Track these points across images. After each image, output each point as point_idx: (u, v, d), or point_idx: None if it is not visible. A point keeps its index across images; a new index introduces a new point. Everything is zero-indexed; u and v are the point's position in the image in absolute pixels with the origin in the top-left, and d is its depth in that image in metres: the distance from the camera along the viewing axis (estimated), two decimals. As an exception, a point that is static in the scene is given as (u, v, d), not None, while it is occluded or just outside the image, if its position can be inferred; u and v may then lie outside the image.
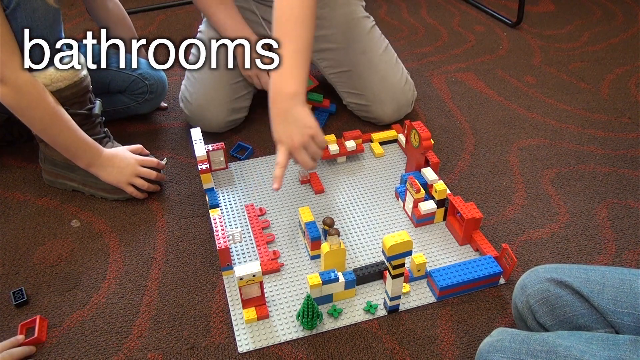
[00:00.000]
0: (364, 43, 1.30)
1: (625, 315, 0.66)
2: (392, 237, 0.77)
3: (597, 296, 0.68)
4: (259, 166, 1.23)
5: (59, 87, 1.02)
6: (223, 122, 1.29)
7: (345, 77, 1.34)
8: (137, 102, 1.29)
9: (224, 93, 1.27)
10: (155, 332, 0.89)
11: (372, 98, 1.31)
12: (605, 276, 0.71)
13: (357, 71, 1.31)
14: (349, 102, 1.37)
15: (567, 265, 0.75)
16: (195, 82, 1.28)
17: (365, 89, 1.31)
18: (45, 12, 0.96)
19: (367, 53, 1.30)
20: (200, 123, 1.27)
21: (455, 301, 0.93)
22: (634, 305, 0.66)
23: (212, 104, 1.27)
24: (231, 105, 1.29)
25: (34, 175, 1.21)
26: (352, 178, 1.19)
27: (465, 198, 1.12)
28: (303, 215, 1.00)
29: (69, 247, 1.04)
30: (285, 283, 0.96)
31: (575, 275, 0.72)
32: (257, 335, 0.87)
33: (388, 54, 1.32)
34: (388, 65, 1.31)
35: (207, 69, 1.26)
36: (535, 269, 0.76)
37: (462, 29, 1.85)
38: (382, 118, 1.33)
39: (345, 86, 1.35)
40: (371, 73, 1.30)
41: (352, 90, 1.34)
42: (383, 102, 1.31)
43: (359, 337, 0.87)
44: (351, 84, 1.33)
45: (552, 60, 1.65)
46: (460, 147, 1.29)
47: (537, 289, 0.73)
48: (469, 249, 1.02)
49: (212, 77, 1.27)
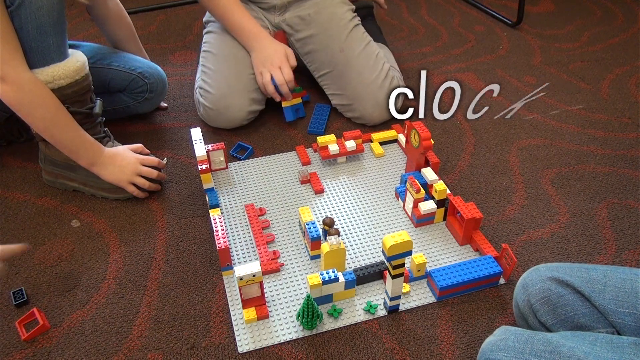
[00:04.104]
0: (342, 42, 1.32)
1: (626, 315, 0.66)
2: (392, 237, 0.77)
3: (598, 296, 0.68)
4: (259, 166, 1.23)
5: (61, 84, 1.02)
6: (245, 112, 1.29)
7: (329, 78, 1.36)
8: (137, 101, 1.29)
9: (245, 81, 1.28)
10: (155, 332, 0.89)
11: (352, 96, 1.32)
12: (607, 276, 0.70)
13: (337, 71, 1.33)
14: (336, 104, 1.38)
15: (568, 264, 0.75)
16: (213, 73, 1.29)
17: (345, 88, 1.32)
18: (50, 9, 0.96)
19: (346, 51, 1.31)
20: (222, 115, 1.28)
21: (455, 301, 0.93)
22: (635, 305, 0.66)
23: (235, 92, 1.27)
24: (252, 95, 1.29)
25: (34, 175, 1.21)
26: (352, 178, 1.19)
27: (465, 198, 1.12)
28: (303, 215, 1.00)
29: (69, 247, 1.04)
30: (285, 283, 0.96)
31: (577, 274, 0.72)
32: (257, 336, 0.87)
33: (367, 51, 1.33)
34: (366, 62, 1.32)
35: (225, 60, 1.28)
36: (537, 268, 0.76)
37: (462, 29, 1.85)
38: (365, 116, 1.33)
39: (330, 88, 1.37)
40: (349, 71, 1.31)
41: (335, 91, 1.36)
42: (362, 99, 1.31)
43: (359, 337, 0.87)
44: (334, 85, 1.35)
45: (552, 60, 1.65)
46: (460, 147, 1.29)
47: (539, 288, 0.73)
48: (469, 249, 1.02)
49: (231, 67, 1.29)
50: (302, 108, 1.38)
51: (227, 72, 1.28)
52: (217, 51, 1.32)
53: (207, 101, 1.29)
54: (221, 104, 1.27)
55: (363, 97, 1.30)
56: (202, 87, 1.30)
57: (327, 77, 1.35)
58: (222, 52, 1.31)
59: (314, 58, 1.36)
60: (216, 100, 1.27)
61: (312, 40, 1.34)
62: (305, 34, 1.34)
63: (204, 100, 1.30)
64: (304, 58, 1.38)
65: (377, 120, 1.33)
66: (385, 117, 1.33)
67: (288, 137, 1.32)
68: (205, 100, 1.29)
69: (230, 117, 1.28)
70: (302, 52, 1.38)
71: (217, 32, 1.35)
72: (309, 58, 1.37)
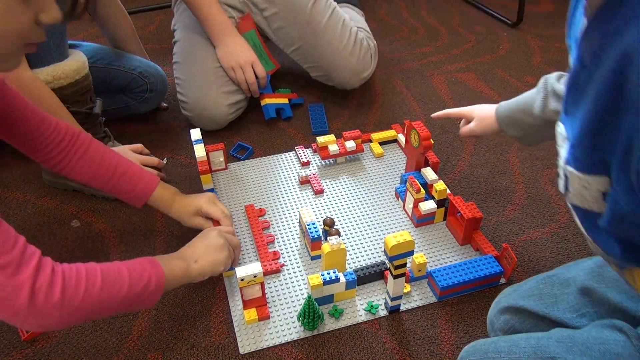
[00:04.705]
0: (307, 15, 1.34)
1: (582, 317, 0.66)
2: (394, 237, 0.77)
3: (552, 309, 0.67)
4: (259, 166, 1.23)
5: (61, 84, 1.02)
6: (224, 107, 1.29)
7: (301, 53, 1.39)
8: (137, 101, 1.29)
9: (212, 78, 1.29)
10: (155, 332, 0.88)
11: (327, 66, 1.36)
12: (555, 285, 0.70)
13: (307, 44, 1.36)
14: (314, 76, 1.42)
15: (526, 282, 0.74)
16: (184, 82, 1.30)
17: (318, 60, 1.36)
18: None
19: (312, 24, 1.34)
20: (204, 117, 1.28)
21: (455, 301, 0.93)
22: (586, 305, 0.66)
23: (207, 91, 1.27)
24: (224, 88, 1.29)
25: (34, 175, 1.21)
26: (352, 178, 1.19)
27: (465, 198, 1.12)
28: (303, 215, 1.00)
29: (69, 247, 1.04)
30: (286, 284, 0.95)
31: (529, 294, 0.71)
32: (258, 336, 0.87)
33: (333, 20, 1.35)
34: (333, 31, 1.34)
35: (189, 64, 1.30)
36: (497, 300, 0.76)
37: (462, 29, 1.85)
38: (344, 83, 1.39)
39: (304, 61, 1.40)
40: (318, 43, 1.34)
41: (310, 64, 1.39)
42: (336, 69, 1.36)
43: (360, 337, 0.87)
44: (307, 58, 1.38)
45: (552, 60, 1.65)
46: (460, 147, 1.29)
47: (502, 322, 0.72)
48: (469, 248, 1.02)
49: (196, 69, 1.29)
50: (289, 108, 1.38)
51: (194, 75, 1.29)
52: (182, 59, 1.33)
53: (187, 111, 1.30)
54: (198, 107, 1.28)
55: (337, 66, 1.35)
56: (180, 99, 1.31)
57: (299, 51, 1.38)
58: (186, 57, 1.32)
59: (282, 35, 1.38)
60: (193, 106, 1.28)
61: (277, 17, 1.36)
62: (269, 12, 1.36)
63: (186, 112, 1.31)
64: (273, 35, 1.39)
65: (356, 85, 1.40)
66: (364, 79, 1.40)
67: (288, 137, 1.32)
68: (186, 110, 1.30)
69: (211, 116, 1.28)
70: (270, 30, 1.39)
71: (180, 40, 1.36)
72: (278, 35, 1.38)
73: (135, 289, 0.69)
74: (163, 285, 0.73)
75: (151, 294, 0.72)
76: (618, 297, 0.64)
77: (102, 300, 0.65)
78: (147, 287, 0.71)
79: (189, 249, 0.85)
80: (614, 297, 0.64)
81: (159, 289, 0.73)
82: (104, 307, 0.67)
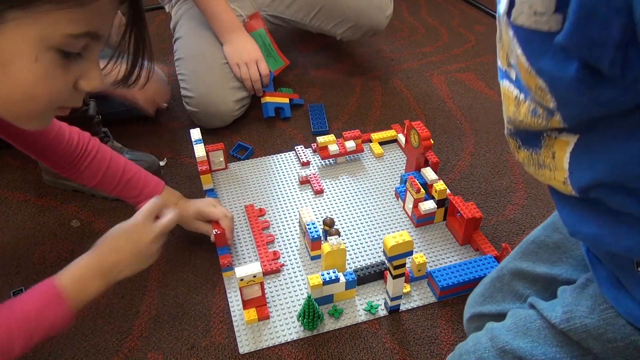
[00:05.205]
0: None
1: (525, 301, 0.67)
2: (393, 237, 0.77)
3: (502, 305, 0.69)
4: (259, 166, 1.23)
5: None
6: (231, 102, 1.29)
7: (324, 14, 1.40)
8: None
9: (220, 74, 1.29)
10: (155, 332, 0.88)
11: (354, 14, 1.38)
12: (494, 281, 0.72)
13: (329, 2, 1.37)
14: (342, 33, 1.43)
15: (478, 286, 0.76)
16: (189, 77, 1.29)
17: (345, 10, 1.38)
18: None
19: None
20: (211, 113, 1.28)
21: (455, 301, 0.93)
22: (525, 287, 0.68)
23: (214, 86, 1.27)
24: (231, 84, 1.29)
25: (34, 175, 1.21)
26: (352, 178, 1.19)
27: (465, 198, 1.12)
28: (303, 215, 1.00)
29: (69, 247, 1.04)
30: (286, 284, 0.95)
31: (482, 299, 0.73)
32: (257, 336, 0.87)
33: None
34: None
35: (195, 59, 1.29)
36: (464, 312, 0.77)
37: (462, 29, 1.85)
38: (374, 25, 1.41)
39: (329, 22, 1.41)
40: None
41: (336, 20, 1.40)
42: (364, 11, 1.38)
43: (359, 337, 0.87)
44: (333, 16, 1.40)
45: (552, 60, 1.65)
46: (460, 147, 1.29)
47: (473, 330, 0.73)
48: (469, 248, 1.02)
49: (203, 64, 1.29)
50: (289, 108, 1.38)
51: (201, 70, 1.28)
52: (186, 54, 1.32)
53: (192, 106, 1.29)
54: (205, 103, 1.27)
55: (363, 9, 1.37)
56: (185, 94, 1.30)
57: (321, 13, 1.40)
58: (191, 53, 1.32)
59: (298, 7, 1.39)
60: (200, 101, 1.27)
61: None
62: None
63: (190, 107, 1.30)
64: (290, 16, 1.40)
65: (385, 24, 1.43)
66: (389, 17, 1.43)
67: (288, 137, 1.32)
68: (191, 106, 1.29)
69: (219, 112, 1.28)
70: (283, 11, 1.40)
71: (183, 36, 1.36)
72: (293, 10, 1.39)
73: (36, 338, 0.64)
74: (72, 322, 0.68)
75: (59, 330, 0.67)
76: (545, 269, 0.66)
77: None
78: (49, 332, 0.65)
79: (114, 255, 0.74)
80: (542, 270, 0.66)
81: (67, 324, 0.67)
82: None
